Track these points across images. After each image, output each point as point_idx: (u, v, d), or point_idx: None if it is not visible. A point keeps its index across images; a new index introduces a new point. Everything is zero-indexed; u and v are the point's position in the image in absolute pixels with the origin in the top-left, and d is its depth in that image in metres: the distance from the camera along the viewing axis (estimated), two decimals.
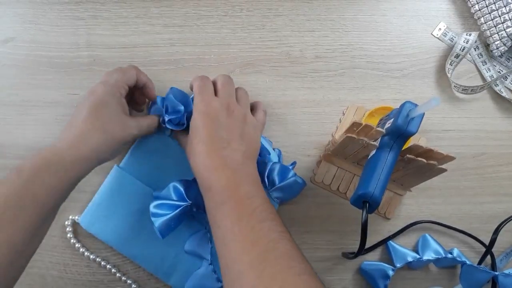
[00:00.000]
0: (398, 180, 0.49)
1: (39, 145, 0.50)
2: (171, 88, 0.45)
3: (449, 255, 0.48)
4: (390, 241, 0.50)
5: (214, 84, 0.45)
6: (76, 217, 0.47)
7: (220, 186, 0.38)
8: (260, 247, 0.34)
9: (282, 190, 0.47)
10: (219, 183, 0.38)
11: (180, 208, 0.43)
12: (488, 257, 0.50)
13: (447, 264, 0.50)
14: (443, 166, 0.42)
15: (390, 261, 0.49)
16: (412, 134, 0.39)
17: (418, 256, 0.48)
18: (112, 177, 0.48)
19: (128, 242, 0.46)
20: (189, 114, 0.44)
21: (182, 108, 0.44)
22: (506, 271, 0.48)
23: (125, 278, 0.47)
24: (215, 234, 0.37)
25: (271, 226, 0.36)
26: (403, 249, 0.49)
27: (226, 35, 0.53)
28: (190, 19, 0.53)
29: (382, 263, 0.49)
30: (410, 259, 0.48)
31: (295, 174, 0.47)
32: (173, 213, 0.42)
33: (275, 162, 0.47)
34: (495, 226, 0.50)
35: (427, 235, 0.50)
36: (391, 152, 0.40)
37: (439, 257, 0.48)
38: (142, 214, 0.46)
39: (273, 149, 0.50)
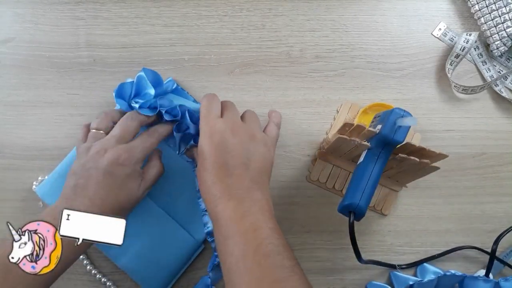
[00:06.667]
0: (393, 176, 0.49)
1: (39, 145, 0.50)
2: (143, 68, 0.44)
3: (448, 272, 0.49)
4: (395, 271, 0.50)
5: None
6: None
7: (225, 218, 0.36)
8: (265, 286, 0.33)
9: None
10: (224, 215, 0.36)
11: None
12: (487, 259, 0.50)
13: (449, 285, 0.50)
14: (437, 164, 0.43)
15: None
16: (399, 143, 0.40)
17: (419, 279, 0.49)
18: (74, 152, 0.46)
19: None
20: (160, 95, 0.44)
21: (151, 91, 0.43)
22: (509, 277, 0.48)
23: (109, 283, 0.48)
24: (222, 268, 0.36)
25: (278, 261, 0.34)
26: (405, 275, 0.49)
27: (226, 35, 0.53)
28: (190, 19, 0.53)
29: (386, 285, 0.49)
30: (411, 282, 0.48)
31: None
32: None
33: None
34: (495, 226, 0.50)
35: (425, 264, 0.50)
36: (378, 161, 0.41)
37: (439, 275, 0.48)
38: None
39: None
